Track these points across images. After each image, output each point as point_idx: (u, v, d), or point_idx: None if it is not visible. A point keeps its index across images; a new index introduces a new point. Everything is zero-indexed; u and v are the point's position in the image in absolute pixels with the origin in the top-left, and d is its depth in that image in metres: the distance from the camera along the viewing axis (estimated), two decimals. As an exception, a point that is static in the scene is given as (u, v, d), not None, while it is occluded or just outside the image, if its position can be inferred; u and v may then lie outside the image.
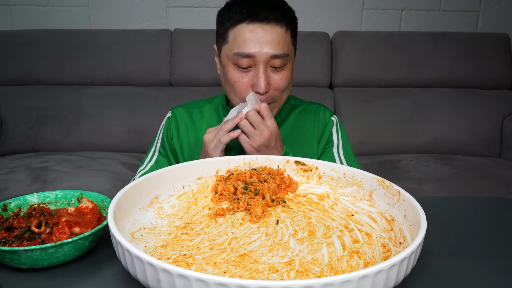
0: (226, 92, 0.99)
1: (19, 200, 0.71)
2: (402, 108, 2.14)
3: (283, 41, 0.90)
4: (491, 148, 2.13)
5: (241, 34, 0.89)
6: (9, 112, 2.06)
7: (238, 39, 0.89)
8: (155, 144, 1.10)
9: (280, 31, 0.90)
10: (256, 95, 0.92)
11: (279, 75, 0.92)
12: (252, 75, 0.91)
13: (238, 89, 0.93)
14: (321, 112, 1.09)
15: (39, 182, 1.64)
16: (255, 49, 0.88)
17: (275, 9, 0.90)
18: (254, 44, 0.88)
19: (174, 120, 1.08)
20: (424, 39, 2.19)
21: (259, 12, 0.88)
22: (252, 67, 0.91)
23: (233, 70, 0.92)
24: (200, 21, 2.31)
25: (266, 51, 0.88)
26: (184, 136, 1.06)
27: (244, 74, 0.92)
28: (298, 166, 0.80)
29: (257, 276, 0.51)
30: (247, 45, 0.88)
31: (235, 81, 0.92)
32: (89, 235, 0.60)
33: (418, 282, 0.57)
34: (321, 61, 2.18)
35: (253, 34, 0.88)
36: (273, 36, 0.89)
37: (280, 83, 0.93)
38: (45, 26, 2.28)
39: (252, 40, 0.88)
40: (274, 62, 0.90)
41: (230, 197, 0.72)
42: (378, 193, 0.69)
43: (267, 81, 0.90)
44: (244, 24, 0.89)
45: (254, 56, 0.89)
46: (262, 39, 0.88)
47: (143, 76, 2.16)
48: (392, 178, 1.74)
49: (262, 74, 0.90)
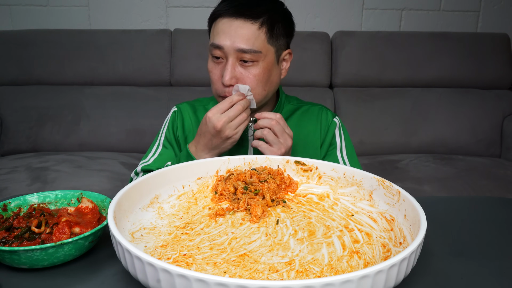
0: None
1: (19, 200, 0.71)
2: (402, 108, 2.14)
3: (253, 38, 0.93)
4: (491, 148, 2.13)
5: (217, 27, 0.95)
6: (9, 112, 2.06)
7: (214, 31, 0.97)
8: (159, 138, 1.11)
9: (252, 27, 0.93)
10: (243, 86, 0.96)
11: (248, 71, 0.95)
12: (221, 67, 0.96)
13: (212, 80, 0.99)
14: (324, 113, 1.10)
15: (39, 182, 1.64)
16: (224, 41, 0.93)
17: (255, 7, 0.94)
18: (224, 36, 0.93)
19: (179, 114, 1.10)
20: (424, 39, 2.19)
21: (236, 8, 0.93)
22: (223, 59, 0.96)
23: (210, 61, 0.99)
24: (200, 21, 2.31)
25: (234, 45, 0.93)
26: (189, 131, 1.07)
27: (217, 65, 0.97)
28: (298, 166, 0.80)
29: (257, 276, 0.51)
30: (219, 37, 0.94)
31: (210, 71, 0.99)
32: (89, 235, 0.60)
33: (418, 282, 0.57)
34: (321, 61, 2.18)
35: (225, 27, 0.94)
36: (243, 31, 0.93)
37: (248, 80, 0.95)
38: (45, 26, 2.28)
39: (223, 32, 0.94)
40: (243, 56, 0.94)
41: (230, 197, 0.72)
42: (378, 193, 0.69)
43: (232, 74, 0.94)
44: (221, 18, 0.95)
45: (223, 47, 0.94)
46: (231, 32, 0.93)
47: (143, 76, 2.16)
48: (392, 178, 1.74)
49: (228, 67, 0.94)
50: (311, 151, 1.05)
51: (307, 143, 1.06)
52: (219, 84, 0.97)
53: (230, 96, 0.93)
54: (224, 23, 0.94)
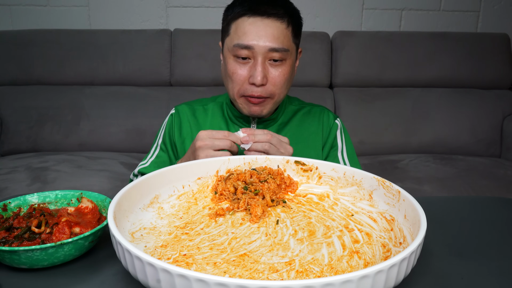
0: (225, 86, 1.01)
1: (19, 200, 0.71)
2: (402, 108, 2.14)
3: (282, 36, 0.92)
4: (491, 148, 2.13)
5: (242, 26, 0.92)
6: (9, 112, 2.06)
7: (238, 31, 0.92)
8: (157, 140, 1.11)
9: (281, 26, 0.92)
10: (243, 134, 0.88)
11: (277, 70, 0.94)
12: (250, 67, 0.93)
13: (235, 81, 0.95)
14: (325, 115, 1.10)
15: (39, 182, 1.64)
16: (254, 41, 0.91)
17: (277, 5, 0.92)
18: (253, 36, 0.91)
19: (177, 117, 1.09)
20: (424, 39, 2.19)
21: (260, 6, 0.91)
22: (250, 59, 0.93)
23: (232, 61, 0.95)
24: (200, 21, 2.31)
25: (265, 44, 0.91)
26: (187, 133, 1.07)
27: (242, 65, 0.94)
28: (298, 166, 0.80)
29: (257, 276, 0.51)
30: (247, 36, 0.91)
31: (233, 72, 0.94)
32: (89, 235, 0.60)
33: (418, 282, 0.57)
34: (321, 61, 2.18)
35: (253, 27, 0.91)
36: (273, 30, 0.91)
37: (278, 79, 0.94)
38: (45, 26, 2.28)
39: (251, 32, 0.91)
40: (273, 55, 0.92)
41: (230, 197, 0.72)
42: (378, 193, 0.69)
43: (264, 74, 0.92)
44: (245, 17, 0.92)
45: (253, 48, 0.91)
46: (261, 32, 0.91)
47: (143, 76, 2.16)
48: (392, 178, 1.74)
49: (259, 66, 0.92)
50: (312, 153, 1.05)
51: (309, 144, 1.06)
52: (245, 84, 0.94)
53: (229, 132, 0.87)
54: (251, 22, 0.91)
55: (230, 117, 1.06)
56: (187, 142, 1.06)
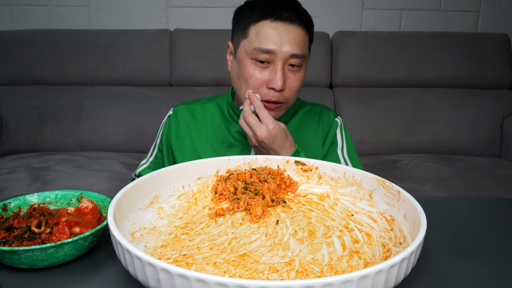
0: (236, 88, 0.99)
1: (19, 200, 0.71)
2: (402, 108, 2.14)
3: (302, 42, 0.93)
4: (491, 148, 2.13)
5: (264, 30, 0.91)
6: (9, 112, 2.06)
7: (260, 35, 0.91)
8: (156, 140, 1.12)
9: (301, 32, 0.93)
10: (255, 95, 0.93)
11: (295, 75, 0.95)
12: (269, 71, 0.93)
13: (252, 84, 0.94)
14: (325, 113, 1.10)
15: (39, 182, 1.64)
16: (277, 45, 0.90)
17: (297, 12, 0.93)
18: (276, 41, 0.91)
19: (175, 119, 1.08)
20: (424, 39, 2.19)
21: (283, 12, 0.91)
22: (270, 63, 0.93)
23: (250, 64, 0.93)
24: (200, 21, 2.31)
25: (287, 49, 0.91)
26: (186, 134, 1.06)
27: (262, 69, 0.93)
28: (298, 166, 0.80)
29: (257, 276, 0.51)
30: (269, 41, 0.91)
31: (251, 76, 0.93)
32: (89, 235, 0.60)
33: (418, 282, 0.57)
34: (321, 61, 2.18)
35: (276, 32, 0.91)
36: (295, 36, 0.91)
37: (295, 84, 0.95)
38: (45, 26, 2.28)
39: (274, 36, 0.91)
40: (293, 61, 0.93)
41: (230, 197, 0.72)
42: (378, 193, 0.69)
43: (284, 79, 0.92)
44: (268, 21, 0.91)
45: (275, 52, 0.91)
46: (284, 37, 0.91)
47: (143, 76, 2.16)
48: (392, 178, 1.74)
49: (280, 71, 0.91)
50: (313, 151, 1.05)
51: (309, 142, 1.06)
52: (263, 88, 0.94)
53: (260, 104, 0.92)
54: (274, 27, 0.91)
55: (232, 116, 1.05)
56: (185, 143, 1.06)
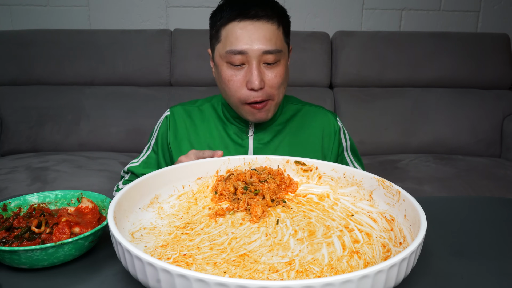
0: (222, 94, 0.99)
1: (19, 200, 0.71)
2: (402, 108, 2.14)
3: (275, 37, 0.91)
4: (491, 148, 2.13)
5: (233, 32, 0.90)
6: (9, 112, 2.06)
7: (230, 37, 0.90)
8: (150, 140, 1.10)
9: (272, 27, 0.91)
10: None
11: (272, 72, 0.93)
12: (245, 72, 0.92)
13: (232, 88, 0.93)
14: (326, 118, 1.08)
15: (39, 182, 1.64)
16: (247, 45, 0.89)
17: (266, 7, 0.91)
18: (246, 40, 0.89)
19: (172, 120, 1.07)
20: (424, 39, 2.19)
21: (249, 10, 0.89)
22: (245, 64, 0.91)
23: (226, 68, 0.92)
24: (200, 21, 2.31)
25: (258, 47, 0.89)
26: (183, 135, 1.06)
27: (238, 71, 0.92)
28: (298, 166, 0.80)
29: (257, 276, 0.51)
30: (239, 41, 0.89)
31: (229, 80, 0.93)
32: (89, 235, 0.60)
33: (418, 282, 0.57)
34: (321, 61, 2.18)
35: (245, 31, 0.89)
36: (265, 32, 0.90)
37: (275, 80, 0.93)
38: (45, 26, 2.27)
39: (243, 36, 0.89)
40: (267, 58, 0.91)
41: (230, 197, 0.72)
42: (378, 193, 0.69)
43: (260, 77, 0.91)
44: (235, 22, 0.90)
45: (246, 52, 0.89)
46: (254, 35, 0.89)
47: (143, 76, 2.16)
48: (392, 178, 1.74)
49: (255, 70, 0.90)
50: (311, 154, 1.05)
51: (308, 143, 1.06)
52: (244, 90, 0.93)
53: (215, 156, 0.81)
54: (242, 27, 0.89)
55: (227, 117, 1.04)
56: (183, 144, 1.05)
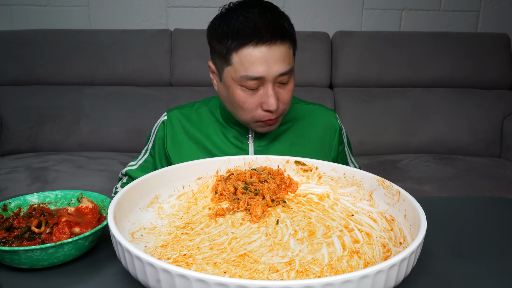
0: (231, 111, 0.97)
1: (19, 200, 0.71)
2: (402, 108, 2.14)
3: (288, 57, 0.90)
4: (491, 148, 2.13)
5: (248, 57, 0.86)
6: (9, 112, 2.06)
7: (244, 62, 0.87)
8: (148, 144, 1.09)
9: (285, 48, 0.89)
10: None
11: (285, 89, 0.92)
12: (260, 94, 0.90)
13: (247, 109, 0.92)
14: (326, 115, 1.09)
15: (39, 182, 1.64)
16: (264, 70, 0.87)
17: (278, 28, 0.88)
18: (262, 66, 0.87)
19: (169, 125, 1.05)
20: (424, 39, 2.19)
21: (265, 33, 0.86)
22: (259, 86, 0.90)
23: (240, 91, 0.90)
24: (200, 21, 2.31)
25: (274, 71, 0.87)
26: (182, 140, 1.04)
27: (252, 94, 0.90)
28: (298, 166, 0.80)
29: (257, 276, 0.51)
30: (255, 67, 0.87)
31: (244, 102, 0.91)
32: (89, 235, 0.60)
33: (418, 282, 0.57)
34: (321, 61, 2.18)
35: (261, 56, 0.86)
36: (279, 55, 0.88)
37: (287, 96, 0.93)
38: (45, 26, 2.27)
39: (259, 62, 0.87)
40: (282, 79, 0.90)
41: (230, 197, 0.72)
42: (378, 193, 0.69)
43: (276, 98, 0.90)
44: (251, 47, 0.86)
45: (263, 77, 0.88)
46: (270, 59, 0.87)
47: (143, 76, 2.16)
48: (392, 178, 1.74)
49: (271, 93, 0.89)
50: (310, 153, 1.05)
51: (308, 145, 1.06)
52: (259, 111, 0.92)
53: None
54: (258, 52, 0.86)
55: (227, 122, 1.04)
56: (182, 148, 1.04)
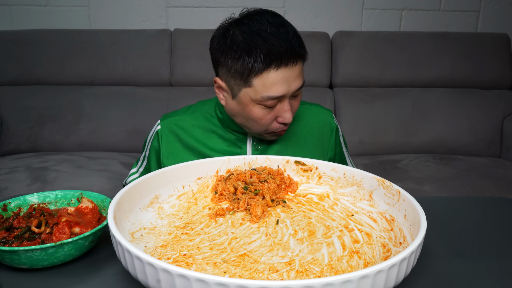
0: (241, 123, 0.98)
1: (19, 200, 0.71)
2: (402, 108, 2.14)
3: (302, 72, 0.94)
4: (491, 148, 2.13)
5: (270, 79, 0.89)
6: (9, 112, 2.06)
7: (267, 84, 0.89)
8: (144, 152, 1.09)
9: (300, 64, 0.93)
10: None
11: (296, 100, 0.96)
12: (277, 109, 0.93)
13: (264, 124, 0.94)
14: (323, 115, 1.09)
15: (39, 182, 1.64)
16: (285, 90, 0.90)
17: (296, 48, 0.90)
18: (283, 86, 0.90)
19: (164, 135, 1.05)
20: (424, 39, 2.19)
21: (284, 56, 0.88)
22: (277, 102, 0.93)
23: (258, 109, 0.92)
24: (200, 21, 2.31)
25: (293, 88, 0.91)
26: (177, 148, 1.04)
27: (271, 110, 0.93)
28: (298, 166, 0.80)
29: (257, 276, 0.51)
30: (277, 88, 0.89)
31: (261, 118, 0.93)
32: (89, 235, 0.60)
33: (418, 282, 0.57)
34: (321, 61, 2.18)
35: (282, 77, 0.89)
36: (297, 72, 0.92)
37: (297, 105, 0.97)
38: (45, 26, 2.27)
39: (281, 83, 0.89)
40: (297, 92, 0.94)
41: (230, 197, 0.72)
42: (378, 193, 0.69)
43: (292, 112, 0.94)
44: (272, 70, 0.88)
45: (284, 96, 0.91)
46: (290, 79, 0.90)
47: (143, 76, 2.16)
48: (392, 178, 1.74)
49: (288, 107, 0.92)
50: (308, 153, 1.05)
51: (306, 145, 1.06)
52: (274, 124, 0.95)
53: None
54: (278, 74, 0.89)
55: (225, 128, 1.03)
56: (179, 157, 1.03)
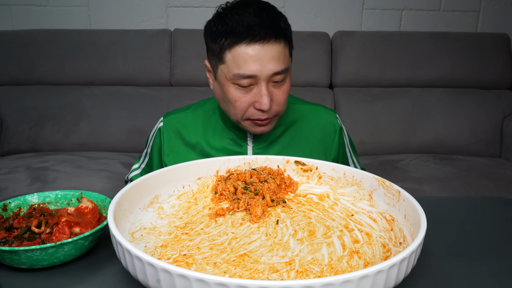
0: (224, 110, 0.97)
1: (19, 200, 0.71)
2: (402, 108, 2.14)
3: (283, 56, 0.89)
4: (491, 148, 2.13)
5: (241, 55, 0.86)
6: (9, 112, 2.06)
7: (237, 60, 0.87)
8: (147, 148, 1.09)
9: (279, 47, 0.88)
10: None
11: (280, 90, 0.91)
12: (254, 93, 0.90)
13: (239, 107, 0.91)
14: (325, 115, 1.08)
15: (39, 182, 1.64)
16: (256, 69, 0.86)
17: (273, 26, 0.87)
18: (256, 64, 0.86)
19: (166, 132, 1.05)
20: (424, 39, 2.19)
21: (258, 31, 0.85)
22: (253, 85, 0.89)
23: (233, 89, 0.90)
24: (200, 21, 2.30)
25: (268, 69, 0.87)
26: (179, 146, 1.04)
27: (245, 92, 0.90)
28: (298, 166, 0.80)
29: (257, 276, 0.51)
30: (248, 65, 0.86)
31: (236, 100, 0.91)
32: (89, 235, 0.60)
33: (418, 282, 0.57)
34: (321, 61, 2.18)
35: (254, 54, 0.86)
36: (273, 54, 0.87)
37: (282, 97, 0.92)
38: (45, 26, 2.27)
39: (253, 60, 0.86)
40: (276, 78, 0.89)
41: (230, 197, 0.72)
42: (378, 193, 0.69)
43: (270, 98, 0.89)
44: (243, 45, 0.86)
45: (256, 76, 0.87)
46: (263, 58, 0.86)
47: (143, 76, 2.16)
48: (392, 178, 1.74)
49: (265, 92, 0.88)
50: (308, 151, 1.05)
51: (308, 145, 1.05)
52: (251, 109, 0.91)
53: None
54: (251, 50, 0.85)
55: (225, 125, 1.03)
56: (180, 155, 1.03)
